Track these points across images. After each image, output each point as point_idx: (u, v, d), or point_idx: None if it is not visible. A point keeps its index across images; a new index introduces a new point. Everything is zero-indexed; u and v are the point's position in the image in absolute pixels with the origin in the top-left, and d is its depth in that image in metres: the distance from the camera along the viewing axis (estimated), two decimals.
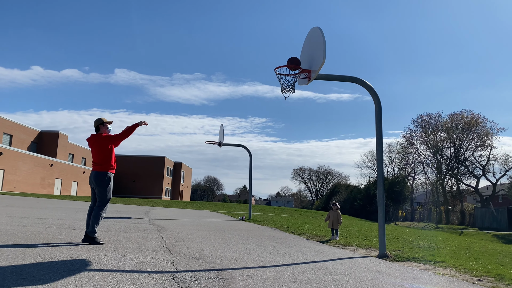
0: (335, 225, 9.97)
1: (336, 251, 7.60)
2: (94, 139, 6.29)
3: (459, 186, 56.49)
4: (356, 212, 56.93)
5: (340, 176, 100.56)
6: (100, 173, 6.17)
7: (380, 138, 7.78)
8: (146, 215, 14.82)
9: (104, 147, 6.22)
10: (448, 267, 6.10)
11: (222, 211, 24.59)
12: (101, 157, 6.21)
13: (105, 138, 6.28)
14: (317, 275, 4.74)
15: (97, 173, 6.18)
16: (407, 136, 60.73)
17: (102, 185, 6.16)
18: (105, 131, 6.42)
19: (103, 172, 6.18)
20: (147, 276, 4.01)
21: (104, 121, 6.45)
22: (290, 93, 7.88)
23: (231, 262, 5.24)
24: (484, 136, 52.85)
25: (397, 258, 6.86)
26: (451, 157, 55.30)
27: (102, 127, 6.42)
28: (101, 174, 6.17)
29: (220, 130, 17.89)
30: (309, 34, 7.91)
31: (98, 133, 6.40)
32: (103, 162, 6.20)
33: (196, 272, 4.38)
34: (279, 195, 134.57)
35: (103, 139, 6.26)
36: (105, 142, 6.24)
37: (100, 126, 6.41)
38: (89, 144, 6.39)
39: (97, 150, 6.23)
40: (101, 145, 6.22)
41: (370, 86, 7.78)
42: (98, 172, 6.18)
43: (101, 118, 6.47)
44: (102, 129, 6.41)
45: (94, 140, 6.28)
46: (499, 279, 5.29)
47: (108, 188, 6.21)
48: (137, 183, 65.70)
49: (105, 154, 6.22)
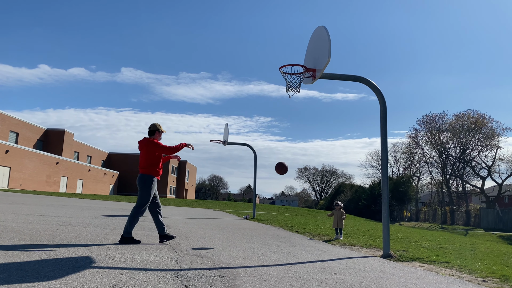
0: (339, 225, 9.95)
1: (340, 250, 7.58)
2: (145, 142, 6.46)
3: (464, 186, 56.24)
4: (361, 212, 56.77)
5: (344, 175, 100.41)
6: (144, 175, 6.35)
7: (385, 138, 7.75)
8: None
9: (152, 152, 6.40)
10: (453, 268, 6.07)
11: (226, 210, 24.62)
12: (148, 161, 6.38)
13: (155, 144, 6.43)
14: (321, 274, 4.73)
15: (141, 175, 6.37)
16: (413, 136, 60.61)
17: (143, 187, 6.31)
18: (157, 138, 6.58)
19: (147, 175, 6.35)
20: (151, 273, 4.03)
21: (160, 129, 6.63)
22: (296, 92, 7.86)
23: (234, 261, 5.25)
24: (490, 136, 52.55)
25: (401, 258, 6.84)
26: (457, 157, 55.04)
27: (157, 133, 6.60)
28: (145, 176, 6.35)
29: (225, 129, 17.91)
30: (314, 33, 7.89)
31: (151, 138, 6.53)
32: (148, 166, 6.37)
33: (199, 270, 4.39)
34: (284, 194, 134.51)
35: (153, 145, 6.42)
36: (153, 148, 6.41)
37: (156, 132, 6.58)
38: (139, 146, 6.55)
39: (145, 153, 6.41)
40: (149, 150, 6.40)
41: (375, 86, 7.75)
42: (142, 175, 6.37)
43: (159, 124, 6.65)
44: (156, 135, 6.58)
45: (145, 143, 6.45)
46: (504, 280, 5.25)
47: (149, 190, 6.33)
48: None
49: (151, 159, 6.39)
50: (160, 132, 6.62)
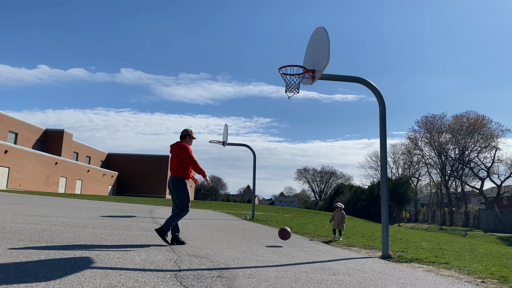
0: (340, 226, 9.95)
1: (339, 251, 7.58)
2: (176, 145, 6.70)
3: (463, 187, 56.32)
4: (360, 213, 56.79)
5: (344, 176, 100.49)
6: (176, 178, 6.57)
7: (384, 139, 7.76)
8: (150, 213, 14.85)
9: (181, 156, 6.60)
10: (452, 269, 6.07)
11: (225, 210, 24.61)
12: (178, 163, 6.60)
13: (184, 148, 6.63)
14: (320, 275, 4.73)
15: (173, 178, 6.58)
16: (412, 137, 60.71)
17: (179, 190, 6.52)
18: (187, 143, 6.82)
19: (178, 177, 6.57)
20: (150, 274, 4.02)
21: (192, 135, 6.89)
22: (295, 92, 7.87)
23: (234, 262, 5.25)
24: (489, 138, 52.63)
25: (401, 259, 6.84)
26: (456, 158, 55.11)
27: (188, 138, 6.85)
28: (176, 179, 6.57)
29: (224, 129, 17.90)
30: (313, 34, 7.90)
31: (184, 142, 6.75)
32: (179, 168, 6.59)
33: (199, 271, 4.38)
34: (283, 195, 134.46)
35: (182, 148, 6.63)
36: (183, 153, 6.61)
37: (187, 136, 6.84)
38: (171, 149, 6.77)
39: (176, 156, 6.64)
40: (179, 152, 6.62)
41: (374, 87, 7.76)
42: (174, 177, 6.59)
43: (191, 131, 6.91)
44: (187, 139, 6.84)
45: (176, 146, 6.68)
46: (503, 281, 5.26)
47: (186, 192, 6.56)
48: (142, 182, 65.88)
49: (182, 161, 6.59)
50: (191, 138, 6.87)
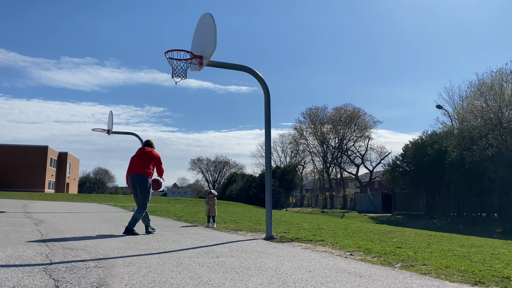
0: (211, 212, 10.01)
1: (226, 235, 7.75)
2: (152, 154, 7.67)
3: (342, 173, 61.67)
4: (251, 200, 58.71)
5: (237, 165, 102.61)
6: (140, 175, 7.41)
7: (269, 125, 8.09)
8: (23, 208, 13.46)
9: (151, 160, 7.62)
10: (326, 245, 6.63)
11: (112, 203, 23.43)
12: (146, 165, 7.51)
13: (158, 159, 7.76)
14: (203, 259, 4.78)
15: (138, 176, 7.41)
16: (298, 128, 64.27)
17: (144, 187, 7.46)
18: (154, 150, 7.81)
19: (143, 175, 7.43)
20: (14, 269, 3.64)
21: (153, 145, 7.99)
22: (182, 78, 7.77)
23: (114, 252, 5.02)
24: (364, 128, 58.33)
25: (282, 239, 7.25)
26: (336, 147, 60.02)
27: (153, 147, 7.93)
28: (140, 176, 7.42)
29: (109, 117, 16.93)
30: (200, 20, 7.86)
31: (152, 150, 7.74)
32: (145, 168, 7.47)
33: (73, 263, 4.10)
34: (176, 186, 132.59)
35: (157, 158, 7.72)
36: (156, 160, 7.71)
37: (153, 146, 7.94)
38: (142, 151, 7.62)
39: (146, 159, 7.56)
40: (150, 158, 7.61)
41: (259, 75, 8.02)
42: (138, 175, 7.41)
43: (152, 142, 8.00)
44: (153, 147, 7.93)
45: (152, 155, 7.65)
46: (368, 252, 5.91)
47: (148, 190, 7.52)
48: (15, 175, 59.10)
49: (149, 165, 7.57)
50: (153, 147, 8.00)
